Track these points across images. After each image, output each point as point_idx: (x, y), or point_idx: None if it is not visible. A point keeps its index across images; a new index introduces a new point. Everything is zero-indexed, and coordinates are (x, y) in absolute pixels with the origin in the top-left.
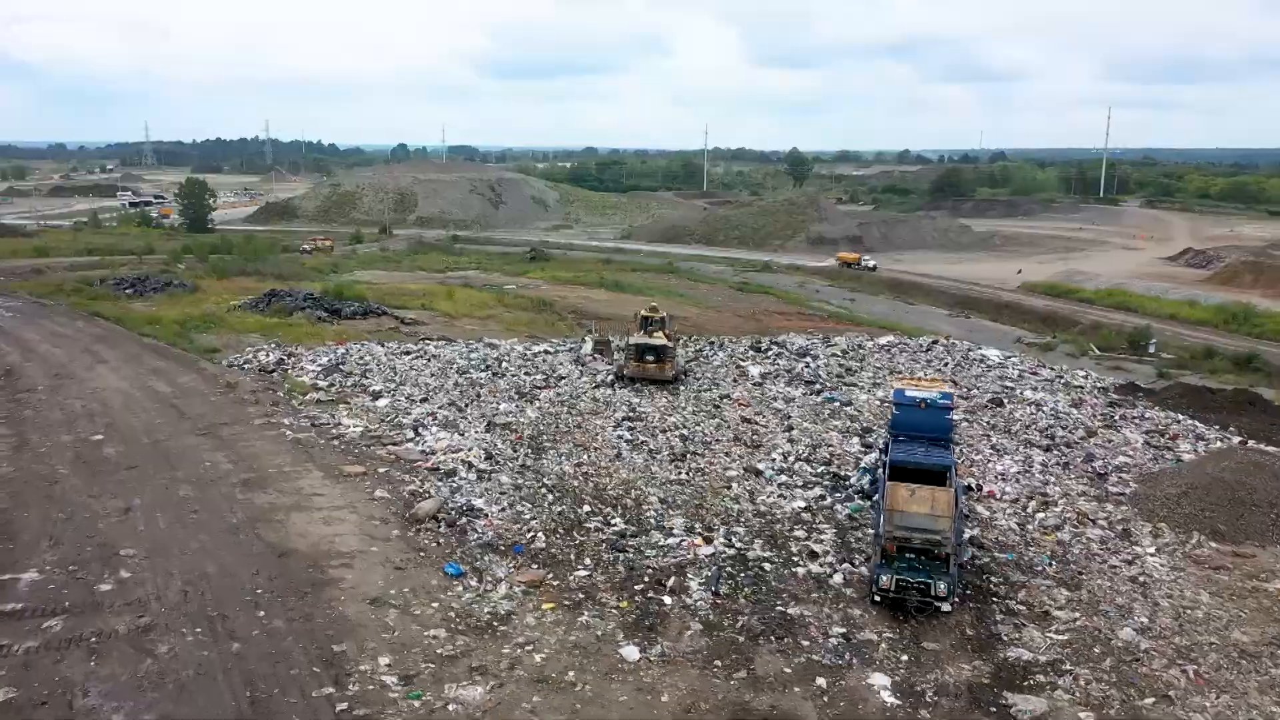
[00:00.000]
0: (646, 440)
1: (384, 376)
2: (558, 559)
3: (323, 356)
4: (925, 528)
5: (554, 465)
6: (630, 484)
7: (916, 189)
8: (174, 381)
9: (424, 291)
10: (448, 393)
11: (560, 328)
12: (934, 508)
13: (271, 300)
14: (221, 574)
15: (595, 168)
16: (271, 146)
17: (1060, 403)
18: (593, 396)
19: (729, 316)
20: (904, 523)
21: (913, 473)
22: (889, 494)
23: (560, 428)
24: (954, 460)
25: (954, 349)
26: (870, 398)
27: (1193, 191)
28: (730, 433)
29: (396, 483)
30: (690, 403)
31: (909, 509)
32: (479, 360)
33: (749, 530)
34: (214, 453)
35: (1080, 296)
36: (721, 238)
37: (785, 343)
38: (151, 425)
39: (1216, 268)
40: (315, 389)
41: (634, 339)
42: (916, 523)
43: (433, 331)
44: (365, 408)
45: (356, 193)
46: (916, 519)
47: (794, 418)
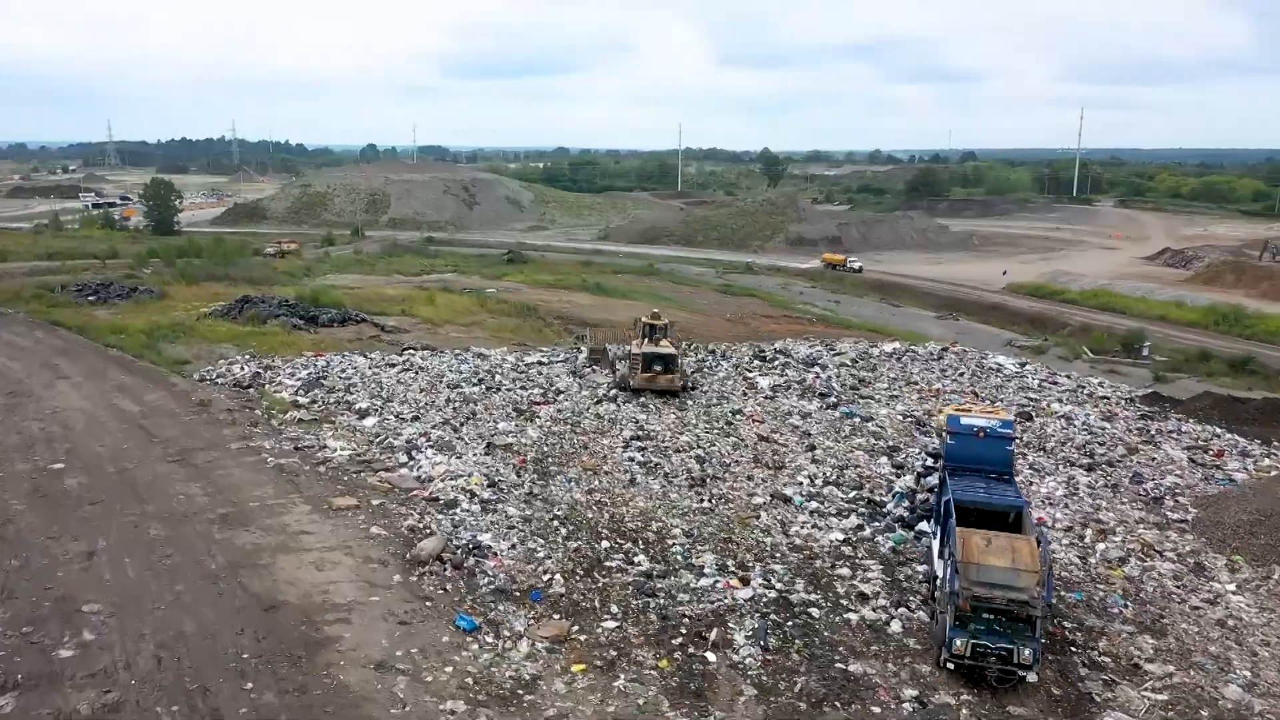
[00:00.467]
0: (660, 463)
1: (370, 392)
2: (581, 606)
3: (302, 369)
4: (1008, 584)
5: (563, 493)
6: (649, 514)
7: (891, 189)
8: (141, 399)
9: (403, 297)
10: (440, 410)
11: (548, 334)
12: (1015, 560)
13: (244, 307)
14: (200, 634)
15: (568, 168)
16: (238, 146)
17: (1091, 416)
18: (596, 413)
19: (717, 320)
20: (982, 578)
21: (976, 513)
22: (961, 544)
23: (565, 449)
24: (1026, 499)
25: (966, 357)
26: (890, 412)
27: (1164, 191)
28: (749, 453)
29: (393, 516)
30: (700, 419)
31: (986, 561)
32: (470, 373)
33: (787, 568)
34: (188, 483)
35: (1066, 298)
36: (701, 238)
37: (789, 351)
38: (117, 451)
39: (1197, 268)
40: (296, 406)
41: (642, 348)
42: (996, 578)
43: (416, 340)
44: (351, 428)
45: (327, 194)
46: (996, 573)
47: (814, 435)
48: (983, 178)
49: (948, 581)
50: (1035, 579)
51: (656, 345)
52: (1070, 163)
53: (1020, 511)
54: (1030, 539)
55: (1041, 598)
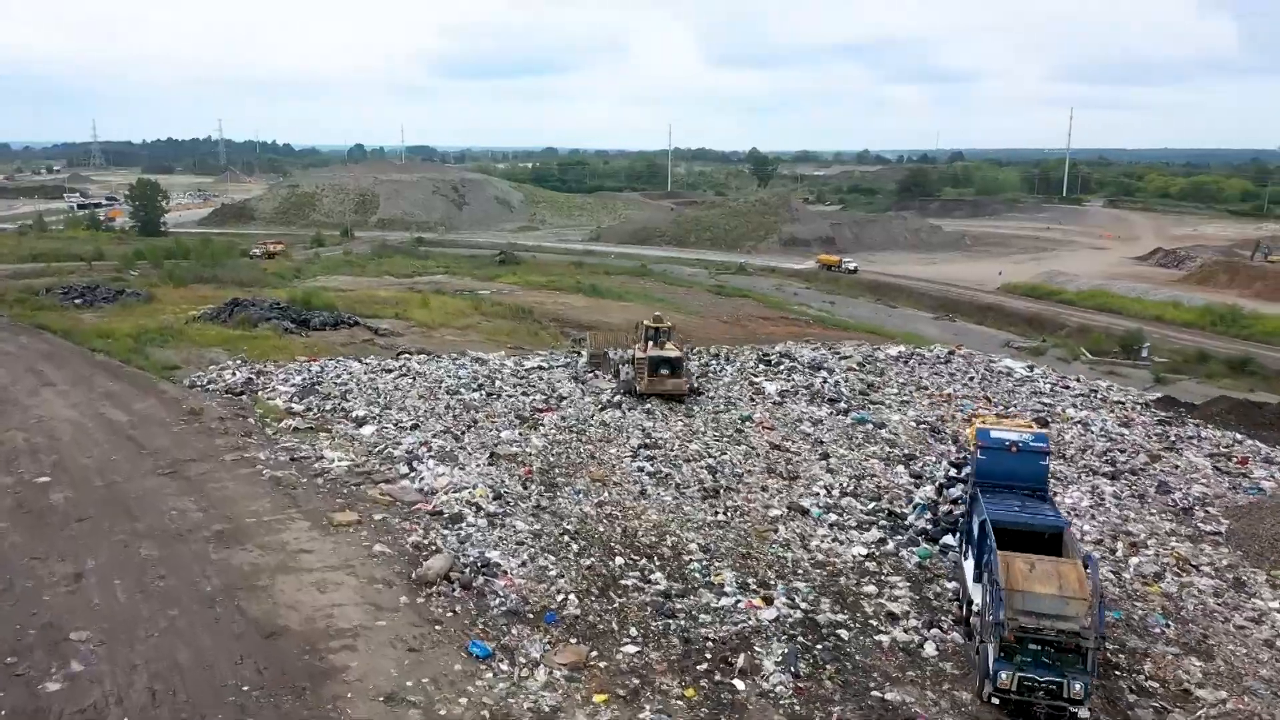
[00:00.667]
0: (670, 473)
1: (366, 398)
2: (598, 629)
3: (295, 375)
4: (1057, 614)
5: (572, 505)
6: (663, 527)
7: (882, 189)
8: (130, 408)
9: (396, 299)
10: (440, 417)
11: (544, 337)
12: (1063, 586)
13: (234, 310)
14: (197, 664)
15: (558, 168)
16: (225, 147)
17: (1108, 422)
18: (601, 420)
19: (713, 322)
20: (1028, 607)
21: (1012, 534)
22: (1004, 569)
23: (572, 458)
24: (1067, 519)
25: (974, 361)
26: (903, 418)
27: (1153, 191)
28: (762, 462)
29: (396, 532)
30: (709, 426)
31: (1032, 589)
32: (469, 378)
33: (810, 585)
34: (180, 498)
35: (1062, 298)
36: (693, 239)
37: (794, 354)
38: (106, 463)
39: (1189, 268)
40: (290, 414)
41: (648, 352)
42: (1044, 607)
43: (410, 343)
44: (349, 436)
45: (316, 194)
46: (1043, 602)
47: (827, 443)
48: (972, 178)
49: (989, 609)
50: (1085, 607)
51: (661, 349)
52: (1059, 163)
53: (1061, 533)
54: (1077, 563)
55: (1094, 627)
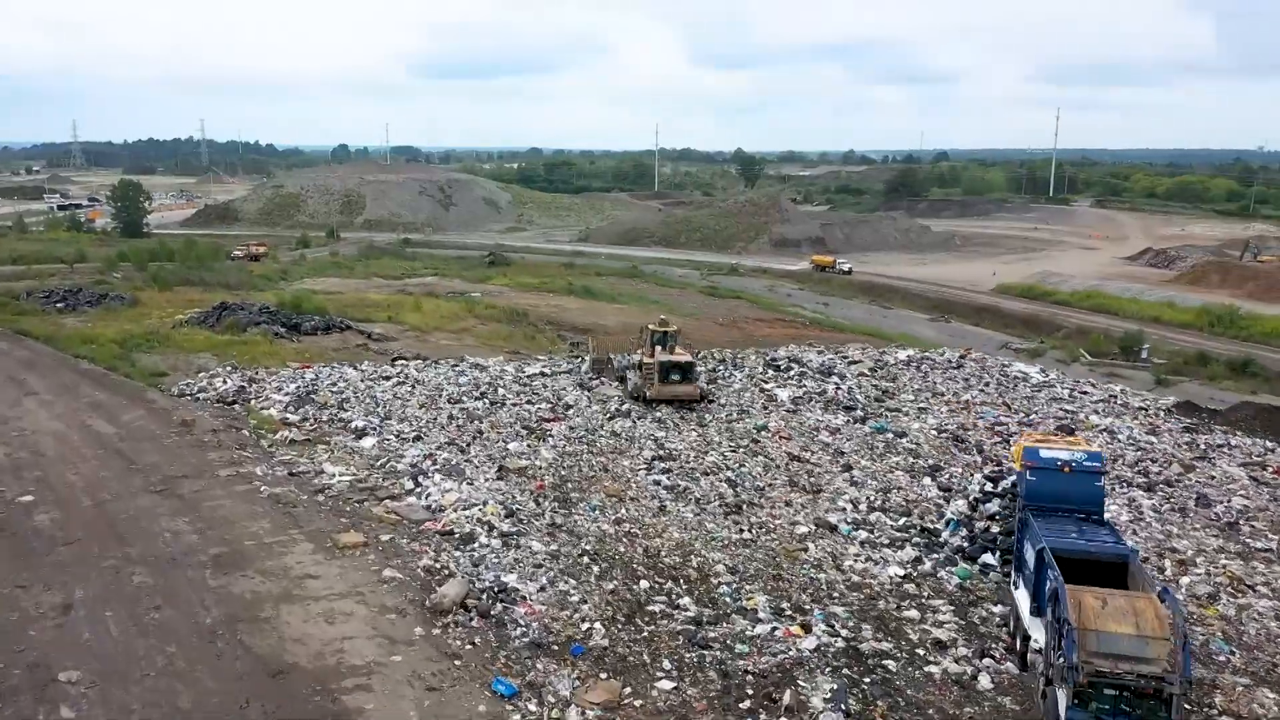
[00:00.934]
0: (689, 487)
1: (365, 408)
2: (629, 662)
3: (289, 383)
4: (1136, 656)
5: (588, 523)
6: (686, 547)
7: (869, 189)
8: (118, 419)
9: (388, 302)
10: (443, 428)
11: (541, 341)
12: (1141, 625)
13: (222, 314)
14: (199, 708)
15: (544, 168)
16: (207, 147)
17: (1134, 429)
18: (611, 430)
19: (708, 324)
20: (1104, 648)
21: (1072, 564)
22: (1074, 605)
23: (584, 471)
24: (1132, 546)
25: (987, 365)
26: (922, 426)
27: (1139, 191)
28: (782, 475)
29: (405, 555)
30: (723, 435)
31: (1107, 628)
32: (469, 385)
33: (849, 610)
34: (174, 518)
35: (1057, 299)
36: (683, 239)
37: (802, 359)
38: (94, 480)
39: (1180, 268)
40: (286, 425)
41: (656, 356)
42: (1121, 648)
43: (404, 348)
44: (349, 449)
45: (300, 195)
46: (1120, 642)
47: (848, 454)
48: (958, 178)
49: (1057, 650)
50: (1168, 648)
51: (670, 353)
52: (1045, 163)
53: (1127, 561)
54: (1153, 598)
55: (1178, 670)
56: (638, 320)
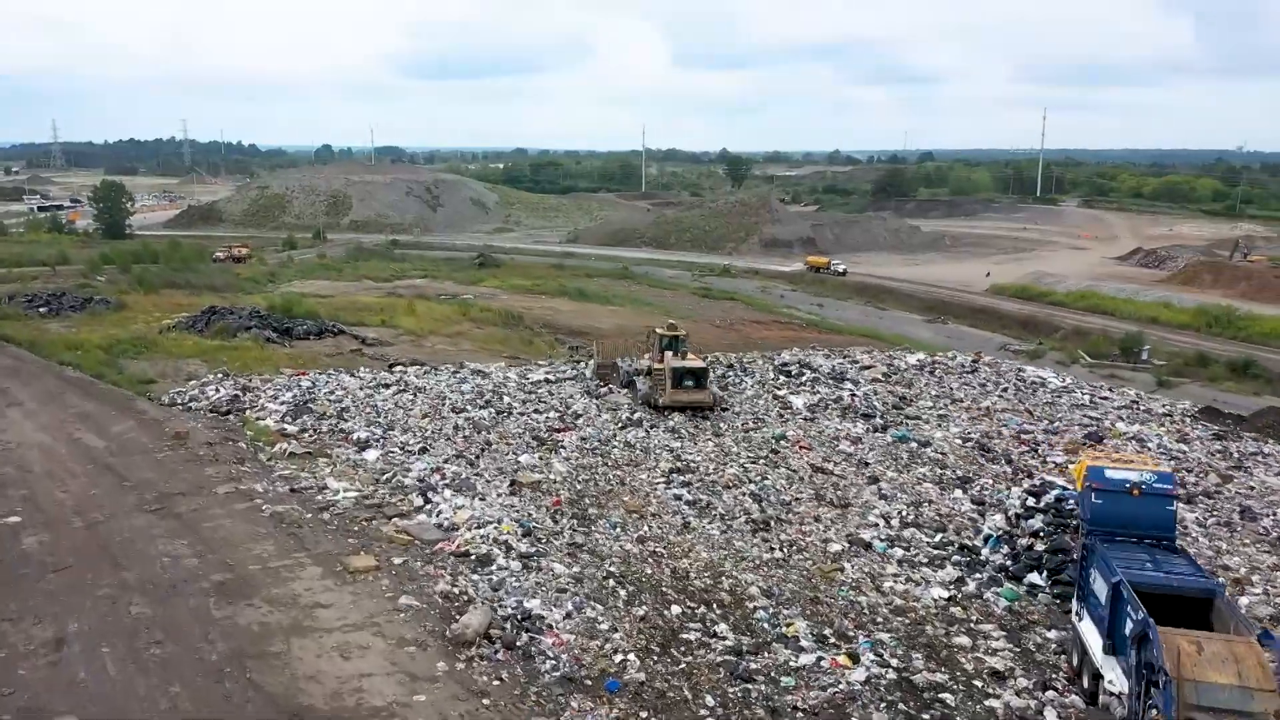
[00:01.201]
0: (712, 502)
1: (366, 418)
2: (669, 698)
3: (285, 391)
4: (1241, 710)
5: (610, 542)
6: (716, 567)
7: (856, 189)
8: (107, 431)
9: (380, 306)
10: (449, 439)
11: (539, 346)
12: (1244, 674)
13: (211, 319)
14: None
15: (530, 169)
16: (190, 147)
17: (1164, 437)
18: (625, 440)
19: (705, 327)
20: (1204, 701)
21: (1152, 599)
22: (1169, 651)
23: (601, 485)
24: (1218, 580)
25: (1002, 370)
26: (946, 435)
27: (1126, 191)
28: (807, 487)
29: (421, 579)
30: (741, 445)
31: (1206, 677)
32: (473, 393)
33: (895, 637)
34: (172, 540)
35: (1052, 299)
36: (673, 240)
37: (813, 364)
38: (84, 499)
39: (1171, 268)
40: (284, 436)
41: (669, 362)
42: (1223, 700)
43: (398, 353)
44: (352, 463)
45: (286, 195)
46: (1222, 695)
47: (872, 465)
48: (945, 178)
49: (1144, 698)
50: (1276, 701)
51: (682, 359)
52: (1031, 163)
53: (1214, 596)
54: (1252, 642)
55: None
56: (633, 323)
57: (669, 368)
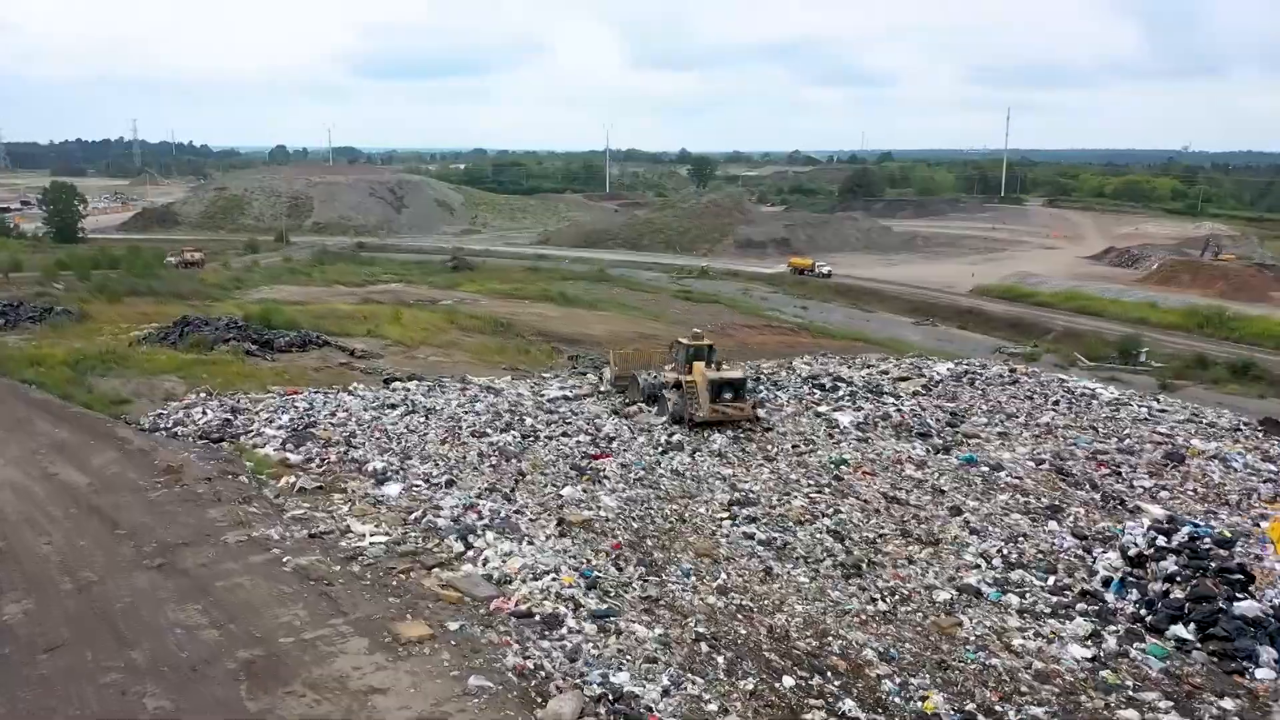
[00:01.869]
0: (789, 541)
1: (377, 444)
2: None
3: (280, 414)
4: None
5: (687, 593)
6: (816, 623)
7: (822, 189)
8: (87, 464)
9: (363, 314)
10: (476, 469)
11: (536, 356)
12: None
13: (184, 330)
14: None
15: (492, 169)
16: (140, 148)
17: (1247, 455)
18: (671, 468)
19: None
20: None
21: None
22: None
23: (659, 523)
24: None
25: (1044, 381)
26: (1015, 456)
27: (1088, 191)
28: (888, 521)
29: (485, 650)
30: (798, 471)
31: None
32: (488, 413)
33: (1050, 712)
34: (183, 605)
35: (1038, 300)
36: (646, 241)
37: (844, 376)
38: (72, 552)
39: (1146, 267)
40: (287, 467)
41: (706, 373)
42: None
43: (393, 367)
44: (372, 499)
45: (245, 197)
46: None
47: (949, 493)
48: (909, 178)
49: None
50: None
51: (717, 369)
52: (994, 163)
53: None
54: None
55: None
56: (625, 329)
57: (705, 379)
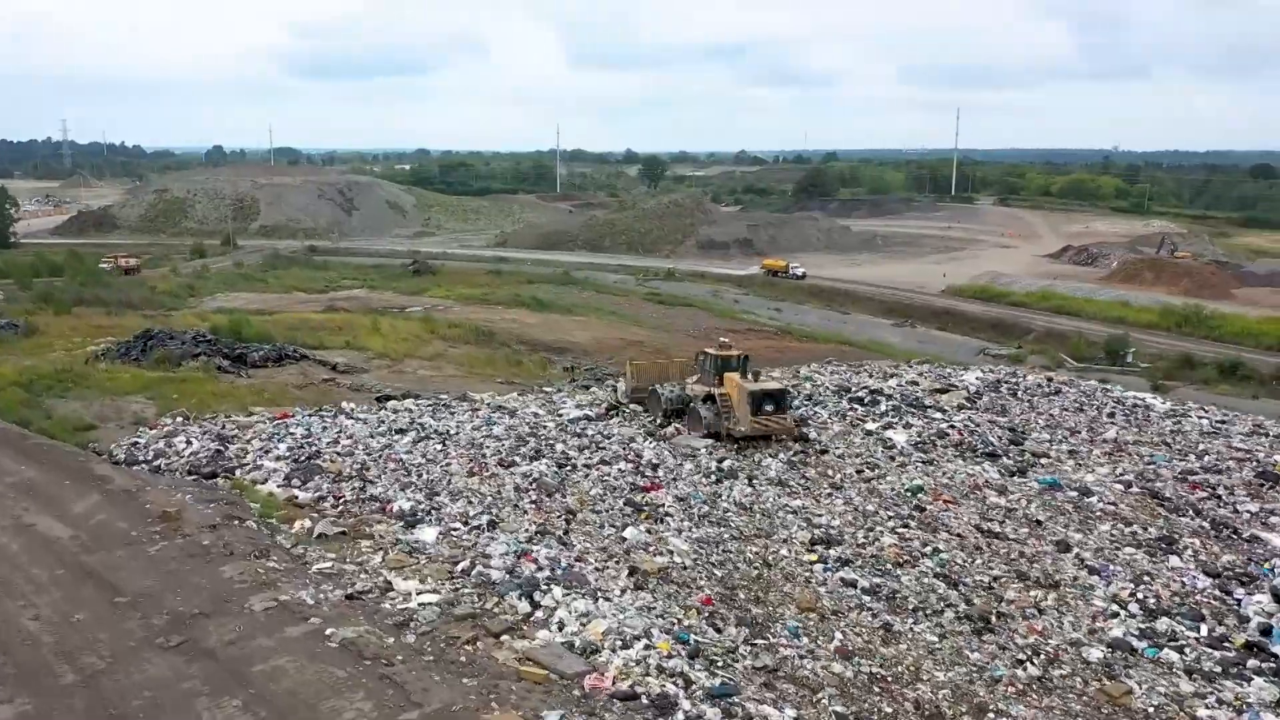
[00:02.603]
0: (891, 586)
1: (394, 477)
2: None
3: (275, 441)
4: None
5: (804, 658)
6: (968, 695)
7: (773, 189)
8: (67, 511)
9: (337, 324)
10: (516, 506)
11: (528, 368)
12: None
13: (147, 345)
14: None
15: (439, 170)
16: (70, 149)
17: None
18: (734, 499)
19: (680, 337)
20: None
21: None
22: None
23: (741, 567)
24: None
25: (1087, 390)
26: (1099, 478)
27: (1035, 190)
28: (994, 560)
29: None
30: (872, 500)
31: None
32: (508, 437)
33: None
34: (218, 700)
35: (1013, 300)
36: (607, 243)
37: (881, 389)
38: (68, 629)
39: (1105, 265)
40: (297, 506)
41: (744, 384)
42: None
43: (377, 380)
44: (406, 546)
45: (187, 199)
46: None
47: (1047, 524)
48: (859, 177)
49: None
50: None
51: (754, 380)
52: (944, 162)
53: None
54: None
55: None
56: (607, 335)
57: (745, 391)
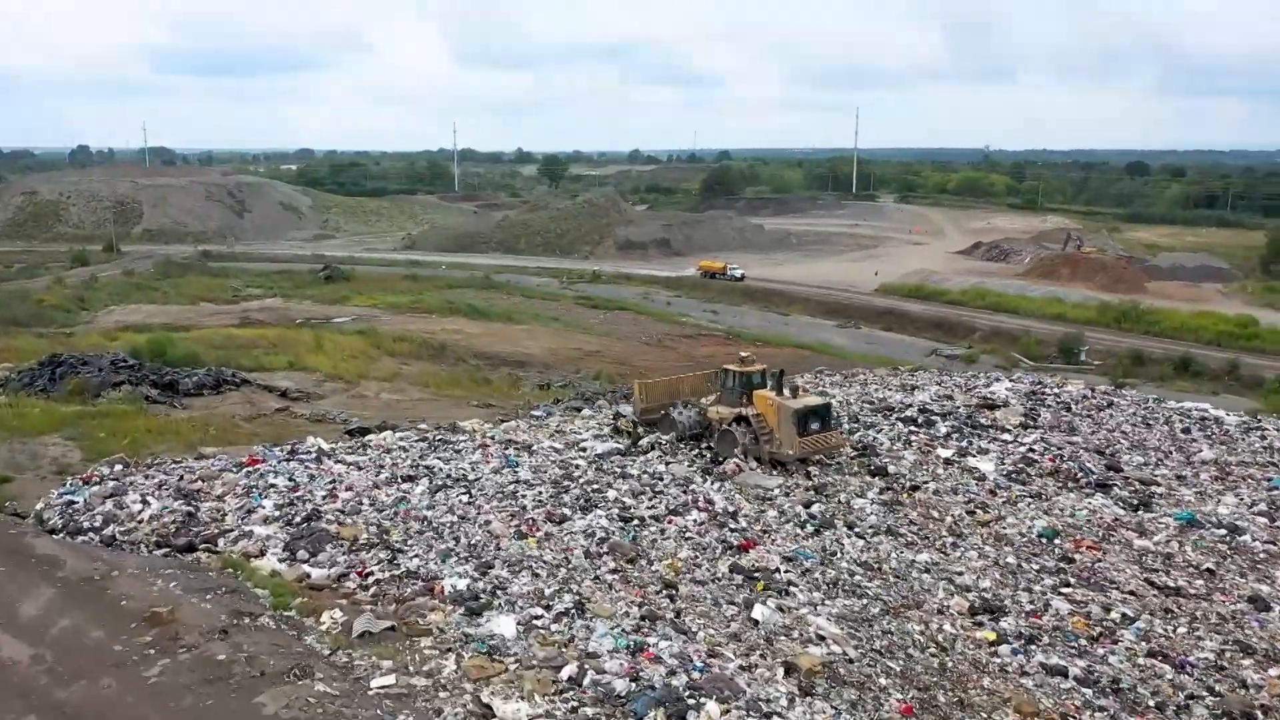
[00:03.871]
0: (1109, 673)
1: (426, 542)
2: None
3: (259, 497)
4: None
5: None
6: None
7: (675, 188)
8: (16, 617)
9: (271, 341)
10: (598, 579)
11: (498, 387)
12: None
13: (57, 372)
14: None
15: (330, 170)
16: None
17: None
18: (852, 557)
19: (634, 345)
20: None
21: None
22: None
23: (914, 654)
24: None
25: (1145, 404)
26: (1232, 512)
27: (932, 188)
28: (1204, 628)
29: None
30: (1003, 549)
31: None
32: (540, 482)
33: None
34: None
35: (949, 299)
36: (523, 245)
37: (925, 406)
38: None
39: (1016, 262)
40: (313, 589)
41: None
42: None
43: (336, 407)
44: (478, 644)
45: (60, 202)
46: None
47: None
48: (759, 176)
49: None
50: None
51: (795, 396)
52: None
53: None
54: None
55: None
56: (560, 345)
57: (788, 409)
